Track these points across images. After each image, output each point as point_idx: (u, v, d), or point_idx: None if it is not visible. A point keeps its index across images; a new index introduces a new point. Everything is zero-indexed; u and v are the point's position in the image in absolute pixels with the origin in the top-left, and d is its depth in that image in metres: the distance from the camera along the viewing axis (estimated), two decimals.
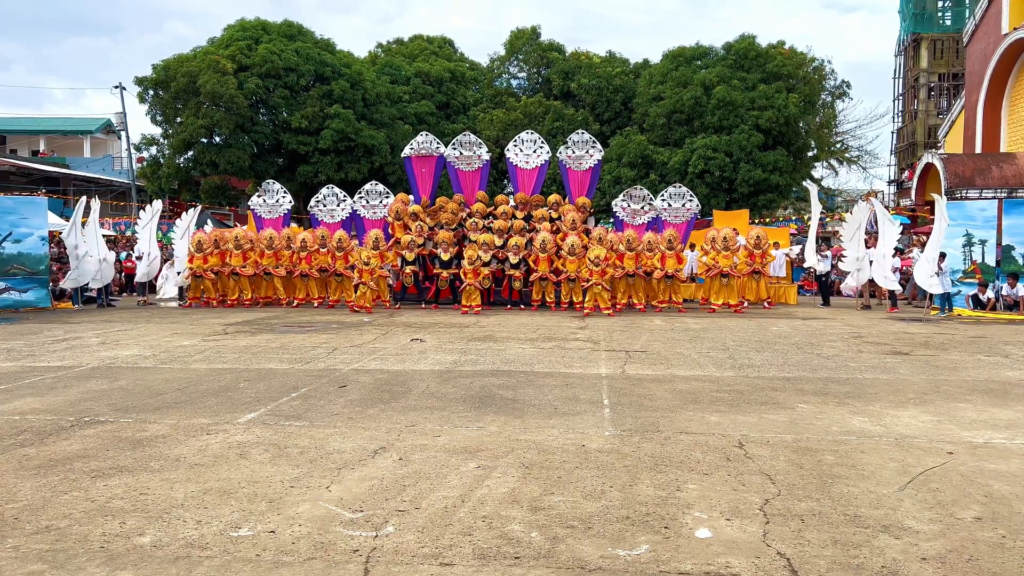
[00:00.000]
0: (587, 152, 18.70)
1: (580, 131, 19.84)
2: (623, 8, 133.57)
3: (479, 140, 19.72)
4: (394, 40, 40.83)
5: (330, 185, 20.52)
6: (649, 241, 16.87)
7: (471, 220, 17.93)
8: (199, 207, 22.18)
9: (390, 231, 18.57)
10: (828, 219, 28.08)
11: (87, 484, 4.65)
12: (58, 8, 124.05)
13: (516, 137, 19.66)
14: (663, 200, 18.34)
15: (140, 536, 3.84)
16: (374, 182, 20.13)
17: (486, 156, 19.27)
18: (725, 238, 17.28)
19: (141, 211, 20.72)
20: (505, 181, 31.84)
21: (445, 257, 17.26)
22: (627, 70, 34.86)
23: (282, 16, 34.07)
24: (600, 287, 15.95)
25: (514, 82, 38.14)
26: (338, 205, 19.41)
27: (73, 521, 4.05)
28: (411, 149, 19.62)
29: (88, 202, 17.93)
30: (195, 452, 5.33)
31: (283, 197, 19.94)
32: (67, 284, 17.44)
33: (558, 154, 18.99)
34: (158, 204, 19.84)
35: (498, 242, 17.16)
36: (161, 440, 5.66)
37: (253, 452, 5.33)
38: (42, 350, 10.49)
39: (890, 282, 17.11)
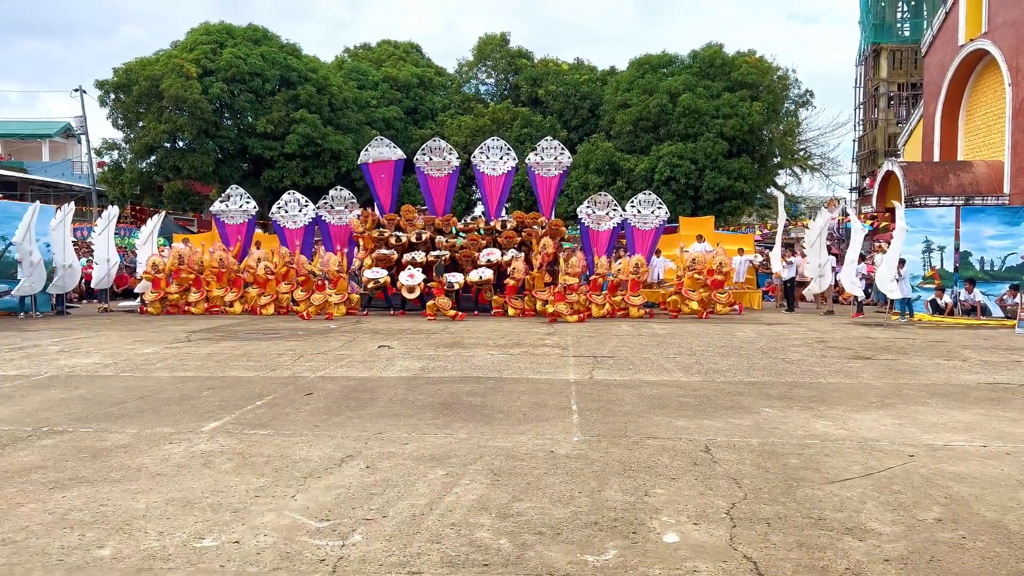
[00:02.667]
0: (555, 159, 18.79)
1: (548, 138, 19.95)
2: (587, 17, 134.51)
3: (448, 146, 19.68)
4: (361, 45, 40.66)
5: (291, 191, 20.28)
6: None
7: (440, 238, 17.85)
8: (163, 213, 21.82)
9: (356, 242, 18.60)
10: (792, 226, 28.51)
11: (45, 496, 4.53)
12: (4, 9, 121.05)
13: (483, 144, 19.65)
14: (633, 207, 18.49)
15: (100, 548, 3.76)
16: (339, 187, 19.96)
17: (455, 162, 19.25)
18: (693, 260, 17.35)
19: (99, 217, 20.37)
20: (473, 187, 31.80)
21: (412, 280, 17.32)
22: (594, 77, 35.10)
23: (235, 22, 33.55)
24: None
25: (482, 88, 38.17)
26: (300, 211, 19.20)
27: (30, 534, 3.94)
28: (367, 155, 19.52)
29: (39, 205, 17.60)
30: (157, 462, 5.23)
31: (247, 203, 19.68)
32: (20, 291, 16.85)
33: (527, 160, 19.06)
34: (114, 210, 19.49)
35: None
36: (122, 450, 5.55)
37: (217, 461, 5.24)
38: None
39: (856, 288, 17.38)
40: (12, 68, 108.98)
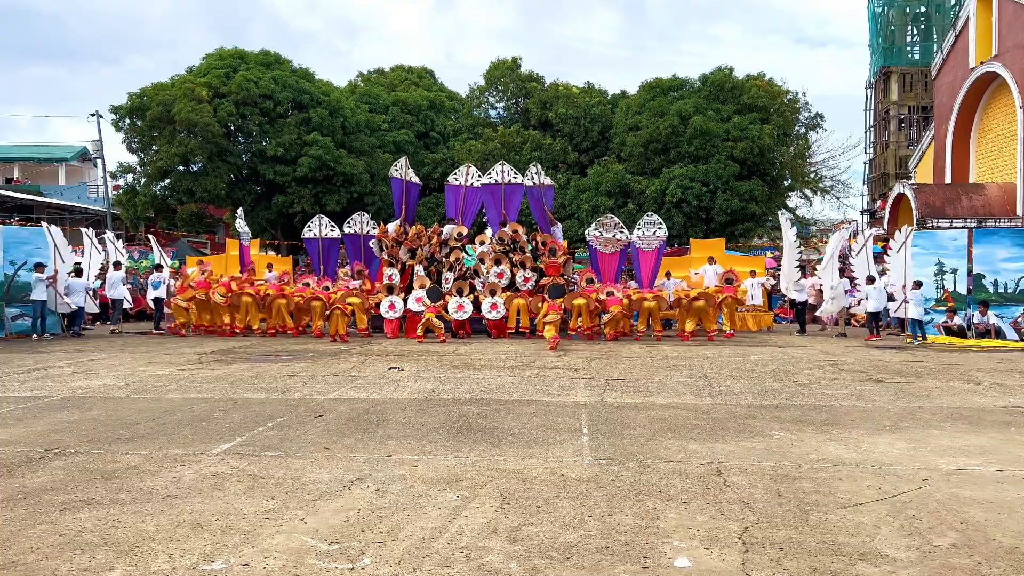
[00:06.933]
0: (537, 180, 19.60)
1: (535, 163, 20.87)
2: (595, 43, 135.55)
3: (477, 171, 20.85)
4: (375, 70, 41.06)
5: (319, 215, 20.68)
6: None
7: (452, 254, 18.09)
8: (163, 242, 22.20)
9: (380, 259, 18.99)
10: (803, 248, 28.41)
11: (56, 517, 4.54)
12: (14, 36, 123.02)
13: (491, 169, 20.16)
14: (638, 229, 18.58)
15: (110, 570, 3.76)
16: (360, 212, 20.34)
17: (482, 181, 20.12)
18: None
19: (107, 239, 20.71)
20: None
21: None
22: (604, 101, 35.24)
23: (246, 49, 33.91)
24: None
25: (492, 112, 38.41)
26: (329, 233, 19.76)
27: (41, 556, 3.95)
28: (396, 171, 20.37)
29: (58, 231, 18.13)
30: (168, 484, 5.24)
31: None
32: (61, 308, 17.58)
33: (523, 183, 19.78)
34: (111, 235, 20.14)
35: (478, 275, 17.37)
36: (133, 471, 5.56)
37: (227, 483, 5.24)
38: (11, 380, 10.30)
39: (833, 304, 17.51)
40: (21, 93, 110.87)
